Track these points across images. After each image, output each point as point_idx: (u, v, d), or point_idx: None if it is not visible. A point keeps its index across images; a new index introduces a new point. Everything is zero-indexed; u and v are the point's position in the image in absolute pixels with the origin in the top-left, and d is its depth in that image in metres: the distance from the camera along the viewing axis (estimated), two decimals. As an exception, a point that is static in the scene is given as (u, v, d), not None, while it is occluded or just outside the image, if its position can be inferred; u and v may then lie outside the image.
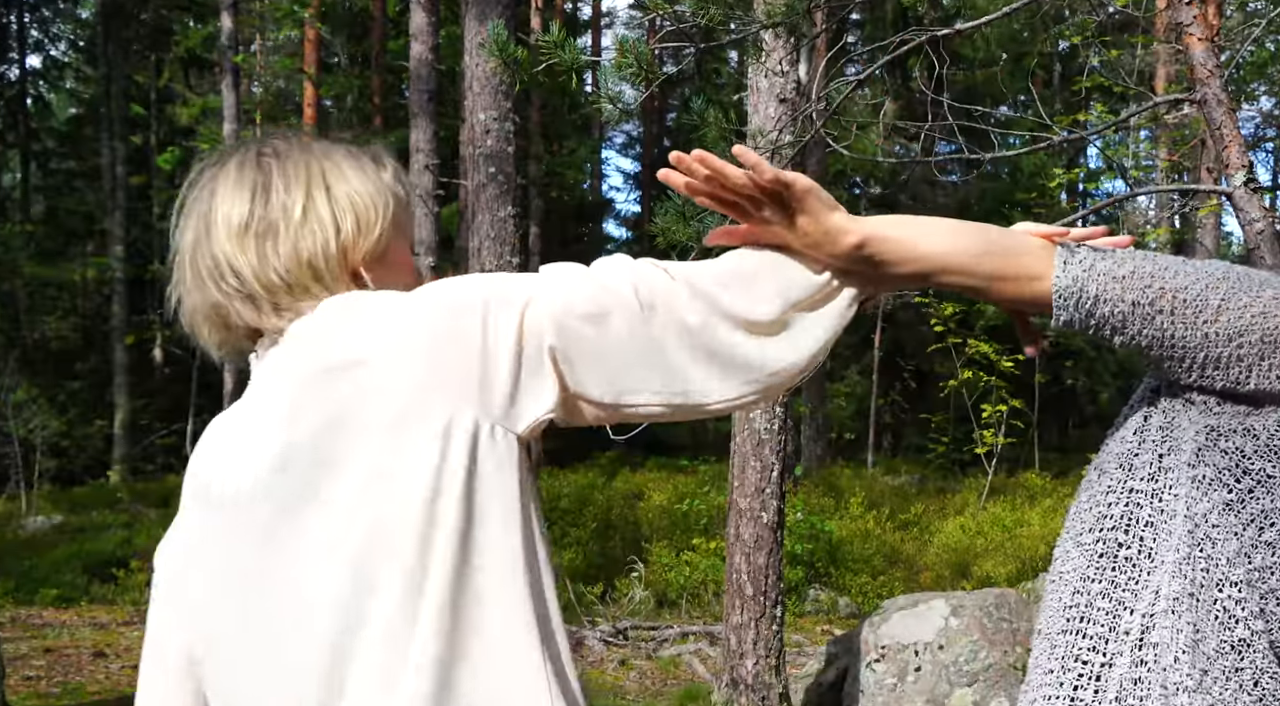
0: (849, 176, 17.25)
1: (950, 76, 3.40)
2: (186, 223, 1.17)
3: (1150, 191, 9.86)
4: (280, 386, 1.08)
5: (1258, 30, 4.11)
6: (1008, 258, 1.15)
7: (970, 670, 5.25)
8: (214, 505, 1.09)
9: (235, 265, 1.13)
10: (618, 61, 2.97)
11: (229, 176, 1.16)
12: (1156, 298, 1.09)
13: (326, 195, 1.16)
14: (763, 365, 1.13)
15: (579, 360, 1.08)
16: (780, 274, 1.14)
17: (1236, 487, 1.07)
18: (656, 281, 1.10)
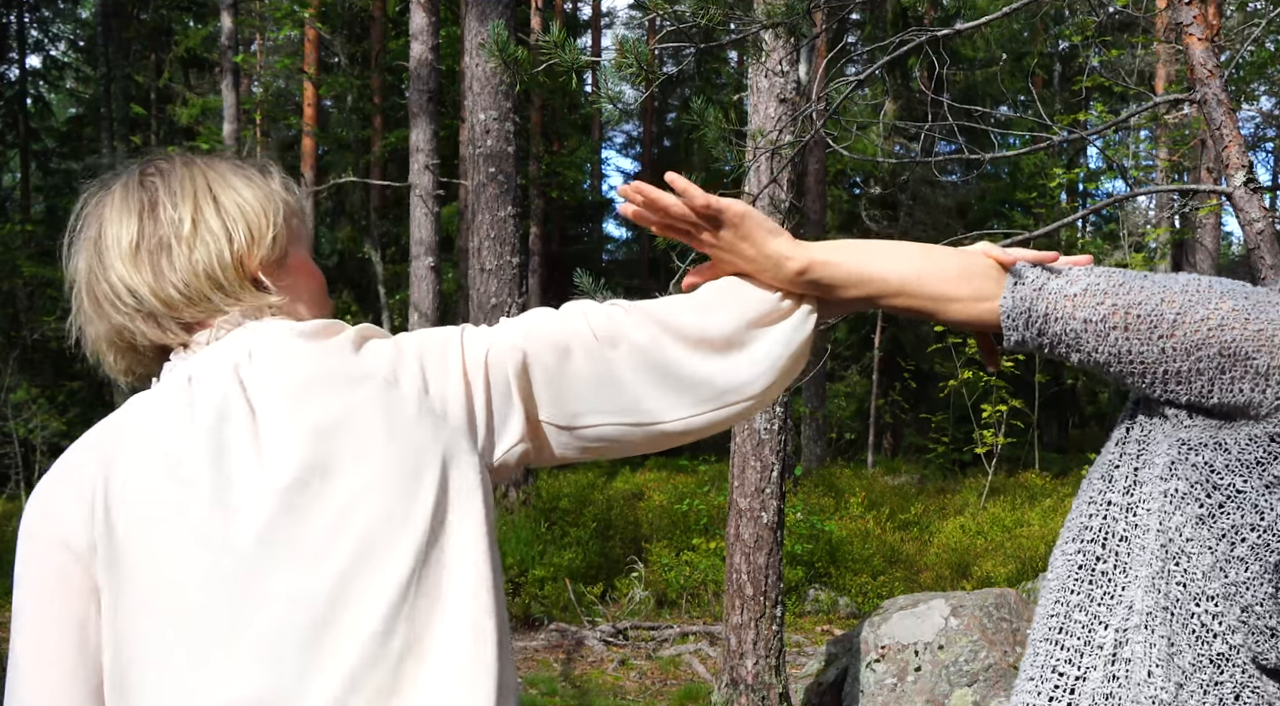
0: (849, 176, 17.26)
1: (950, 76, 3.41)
2: (78, 252, 1.17)
3: (1150, 191, 9.86)
4: (266, 399, 1.07)
5: (1258, 30, 4.10)
6: (957, 280, 1.17)
7: (970, 670, 5.25)
8: (226, 509, 1.06)
9: (131, 285, 1.13)
10: (618, 61, 2.97)
11: (114, 200, 1.16)
12: (1109, 314, 1.09)
13: (215, 206, 1.16)
14: (714, 383, 1.16)
15: (538, 387, 1.14)
16: (735, 296, 1.18)
17: (1207, 502, 1.07)
18: (613, 313, 1.17)
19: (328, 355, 1.09)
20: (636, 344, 1.15)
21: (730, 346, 1.16)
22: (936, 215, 15.57)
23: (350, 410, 1.05)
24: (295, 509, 1.03)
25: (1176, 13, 2.71)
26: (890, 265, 1.18)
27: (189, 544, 1.03)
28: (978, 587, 7.54)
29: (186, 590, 1.02)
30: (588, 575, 8.59)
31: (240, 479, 1.04)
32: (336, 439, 1.04)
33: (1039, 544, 9.43)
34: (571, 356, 1.14)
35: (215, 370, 1.10)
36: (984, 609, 5.47)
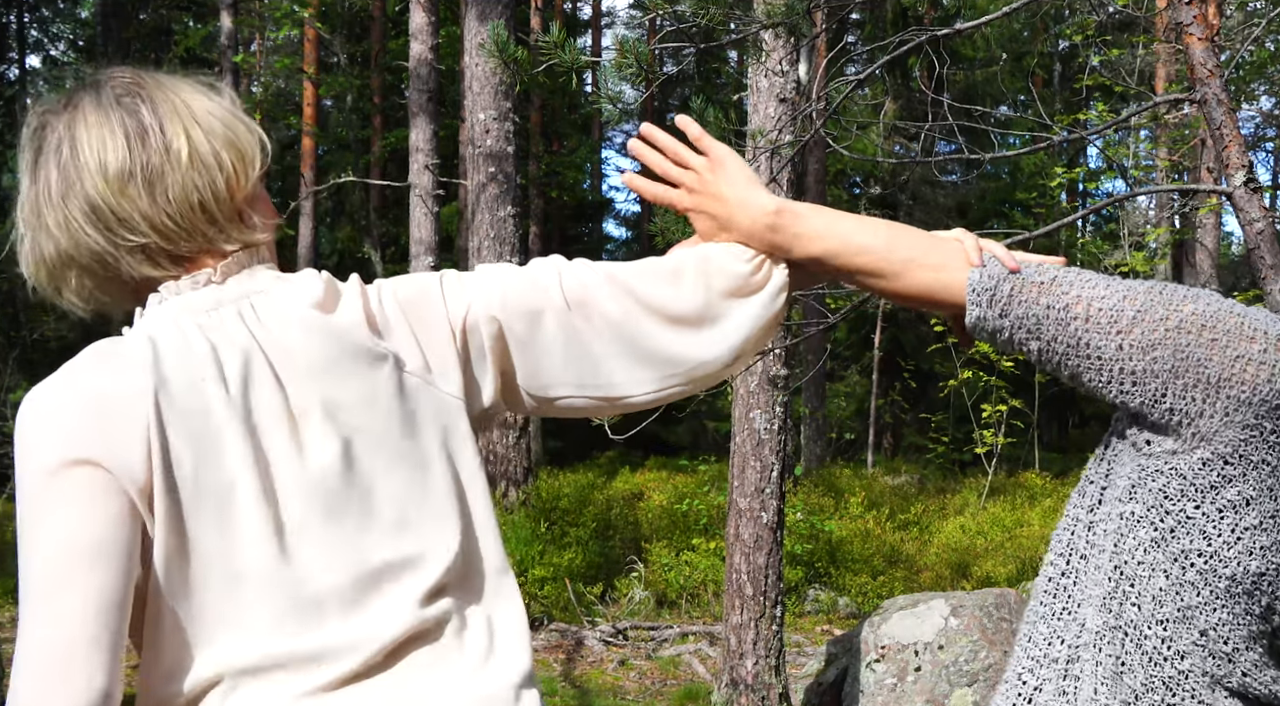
0: (849, 176, 17.26)
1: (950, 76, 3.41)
2: (41, 170, 1.09)
3: (1150, 191, 9.87)
4: (291, 375, 1.08)
5: (1258, 30, 4.11)
6: (925, 248, 1.17)
7: (970, 670, 5.25)
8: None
9: (122, 213, 1.07)
10: (618, 61, 2.97)
11: (88, 119, 1.09)
12: (1072, 303, 1.10)
13: (203, 132, 1.11)
14: (684, 358, 1.17)
15: (514, 355, 1.17)
16: (708, 264, 1.19)
17: (1160, 526, 1.07)
18: (584, 277, 1.17)
19: (343, 334, 1.09)
20: (609, 316, 1.16)
21: (702, 321, 1.17)
22: (936, 215, 15.57)
23: (371, 396, 1.08)
24: (332, 496, 1.07)
25: (1176, 12, 2.71)
26: (860, 224, 1.19)
27: (239, 511, 1.04)
28: (978, 587, 7.54)
29: (241, 555, 1.04)
30: (587, 575, 8.59)
31: (278, 462, 1.06)
32: (360, 425, 1.07)
33: (1039, 544, 9.42)
34: (543, 324, 1.16)
35: (230, 328, 1.07)
36: (984, 609, 5.47)
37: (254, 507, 1.04)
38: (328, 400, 1.07)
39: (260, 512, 1.04)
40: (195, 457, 1.03)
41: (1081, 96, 14.63)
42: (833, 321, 3.44)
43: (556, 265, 1.19)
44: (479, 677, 1.09)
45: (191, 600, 1.04)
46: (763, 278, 1.20)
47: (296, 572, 1.05)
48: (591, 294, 1.16)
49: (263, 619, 1.04)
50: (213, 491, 1.03)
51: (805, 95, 4.96)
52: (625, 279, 1.17)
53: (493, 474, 9.56)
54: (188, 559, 1.03)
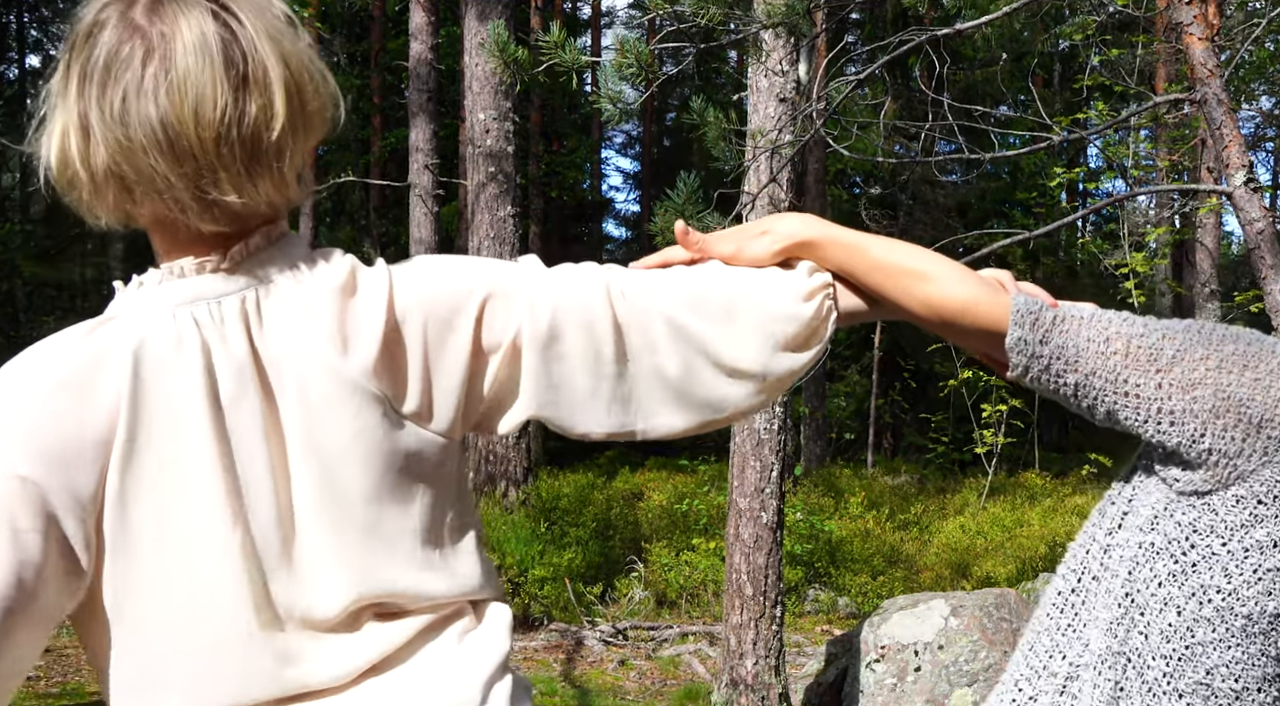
0: (849, 176, 17.25)
1: (950, 76, 3.41)
2: (110, 81, 0.93)
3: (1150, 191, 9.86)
4: (282, 391, 1.00)
5: (1258, 30, 4.10)
6: (960, 269, 1.15)
7: (970, 670, 5.25)
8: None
9: (216, 172, 0.96)
10: (617, 61, 2.97)
11: (182, 36, 0.94)
12: (1112, 337, 1.09)
13: (300, 100, 0.99)
14: (733, 404, 1.11)
15: (537, 388, 1.09)
16: (762, 309, 1.10)
17: (1182, 559, 1.07)
18: (641, 320, 1.08)
19: (348, 377, 0.99)
20: (664, 370, 1.08)
21: (762, 376, 1.10)
22: (936, 215, 15.57)
23: (356, 434, 1.00)
24: (305, 529, 1.00)
25: (1176, 12, 2.71)
26: (892, 241, 1.17)
27: (196, 530, 0.96)
28: (978, 587, 7.54)
29: (193, 584, 0.97)
30: (587, 575, 8.59)
31: (253, 491, 0.98)
32: (341, 461, 1.00)
33: (1039, 544, 9.42)
34: (592, 371, 1.08)
35: (230, 330, 0.98)
36: (984, 609, 5.47)
37: (223, 537, 0.96)
38: (313, 432, 0.99)
39: (228, 541, 0.97)
40: (161, 484, 0.95)
41: (1081, 96, 14.62)
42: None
43: (608, 285, 1.09)
44: (443, 687, 1.05)
45: (148, 631, 0.97)
46: (821, 322, 1.12)
47: (264, 606, 0.99)
48: (650, 340, 1.08)
49: (225, 651, 0.98)
50: (178, 519, 0.96)
51: (805, 95, 4.96)
52: (685, 324, 1.08)
53: (493, 474, 9.56)
54: (142, 586, 0.96)
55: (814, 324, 1.11)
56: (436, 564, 1.06)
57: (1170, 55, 10.86)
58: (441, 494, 1.07)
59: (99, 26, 0.95)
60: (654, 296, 1.09)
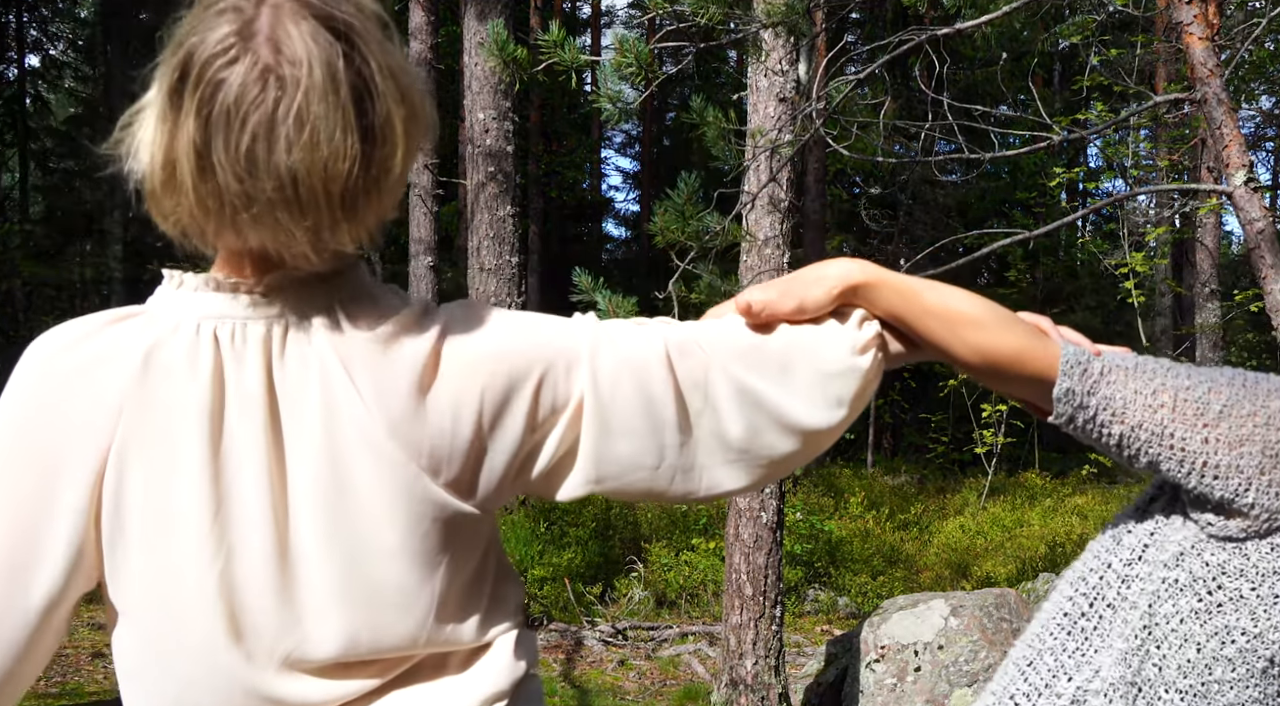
0: (849, 176, 17.24)
1: (950, 76, 3.40)
2: (270, 117, 0.87)
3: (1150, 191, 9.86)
4: (294, 432, 0.96)
5: (1258, 30, 4.10)
6: (1013, 315, 1.14)
7: (970, 670, 5.24)
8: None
9: (338, 223, 0.92)
10: (617, 61, 2.97)
11: (321, 81, 0.87)
12: (1159, 390, 1.08)
13: (414, 138, 0.95)
14: (784, 459, 1.09)
15: (594, 456, 1.06)
16: (820, 366, 1.08)
17: (1207, 598, 1.07)
18: (705, 385, 1.05)
19: (386, 452, 0.95)
20: (727, 435, 1.05)
21: (815, 430, 1.08)
22: (936, 215, 15.57)
23: (374, 492, 0.96)
24: (293, 575, 0.96)
25: (1176, 12, 2.71)
26: (941, 285, 1.15)
27: (177, 545, 0.94)
28: (978, 587, 7.54)
29: (177, 597, 0.96)
30: (587, 575, 8.59)
31: (244, 516, 0.94)
32: (355, 518, 0.96)
33: (1039, 544, 9.43)
34: (653, 438, 1.04)
35: (250, 355, 0.95)
36: (984, 609, 5.47)
37: (203, 560, 0.94)
38: (324, 480, 0.95)
39: (208, 567, 0.94)
40: (150, 491, 0.94)
41: (1081, 96, 14.62)
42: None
43: (669, 361, 1.04)
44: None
45: (138, 626, 0.97)
46: (875, 374, 1.11)
47: (242, 638, 0.96)
48: (712, 402, 1.05)
49: (200, 669, 0.96)
50: (163, 529, 0.94)
51: (805, 95, 4.95)
52: (747, 384, 1.05)
53: (492, 474, 9.55)
54: (134, 586, 0.96)
55: (869, 377, 1.10)
56: (453, 618, 1.02)
57: (1170, 55, 10.86)
58: (469, 552, 1.02)
59: (222, 57, 0.87)
60: (713, 354, 1.06)
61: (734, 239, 3.72)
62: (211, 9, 0.90)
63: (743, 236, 4.97)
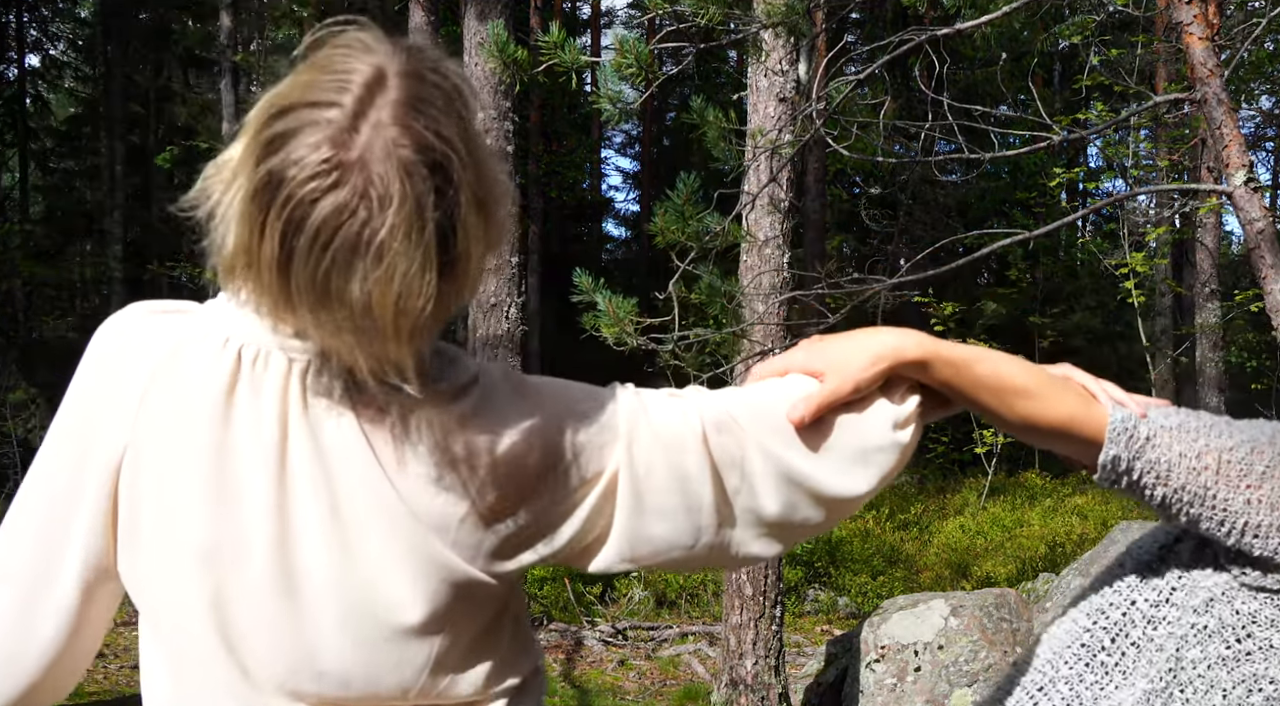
0: (849, 176, 17.24)
1: (950, 76, 3.40)
2: (350, 246, 0.83)
3: (1150, 191, 9.87)
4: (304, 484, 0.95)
5: (1258, 30, 4.10)
6: (1058, 378, 1.13)
7: (970, 670, 5.24)
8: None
9: (402, 351, 0.89)
10: (617, 61, 2.97)
11: (407, 216, 0.83)
12: (1203, 452, 1.08)
13: (480, 273, 0.91)
14: (818, 527, 1.08)
15: (628, 532, 1.03)
16: (856, 433, 1.05)
17: (1235, 646, 1.07)
18: (733, 451, 1.02)
19: (389, 472, 0.93)
20: (764, 512, 1.03)
21: (853, 500, 1.07)
22: (936, 215, 15.57)
23: (385, 547, 0.94)
24: (300, 611, 0.95)
25: (1176, 12, 2.71)
26: (990, 355, 1.12)
27: (175, 555, 0.94)
28: (978, 587, 7.53)
29: (189, 614, 0.96)
30: (587, 575, 8.58)
31: (242, 538, 0.94)
32: (365, 566, 0.94)
33: (1039, 544, 9.43)
34: (690, 524, 1.02)
35: (272, 379, 0.94)
36: (984, 609, 5.47)
37: (196, 578, 0.95)
38: (331, 527, 0.93)
39: (200, 585, 0.94)
40: (156, 495, 0.95)
41: (1081, 96, 14.62)
42: (832, 321, 3.44)
43: (704, 438, 1.01)
44: None
45: (149, 620, 0.98)
46: (914, 445, 1.09)
47: (238, 657, 0.96)
48: (749, 479, 1.02)
49: (199, 681, 0.97)
50: (165, 536, 0.95)
51: (805, 95, 4.96)
52: (786, 461, 1.02)
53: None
54: (144, 582, 0.97)
55: (909, 450, 1.09)
56: (451, 673, 1.00)
57: (1170, 55, 10.86)
58: (478, 614, 1.00)
59: (313, 182, 0.82)
60: (751, 430, 1.03)
61: (734, 239, 3.72)
62: (311, 102, 0.84)
63: (743, 237, 4.97)
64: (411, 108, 0.84)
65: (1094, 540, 8.94)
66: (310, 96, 0.84)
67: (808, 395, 1.04)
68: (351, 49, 0.87)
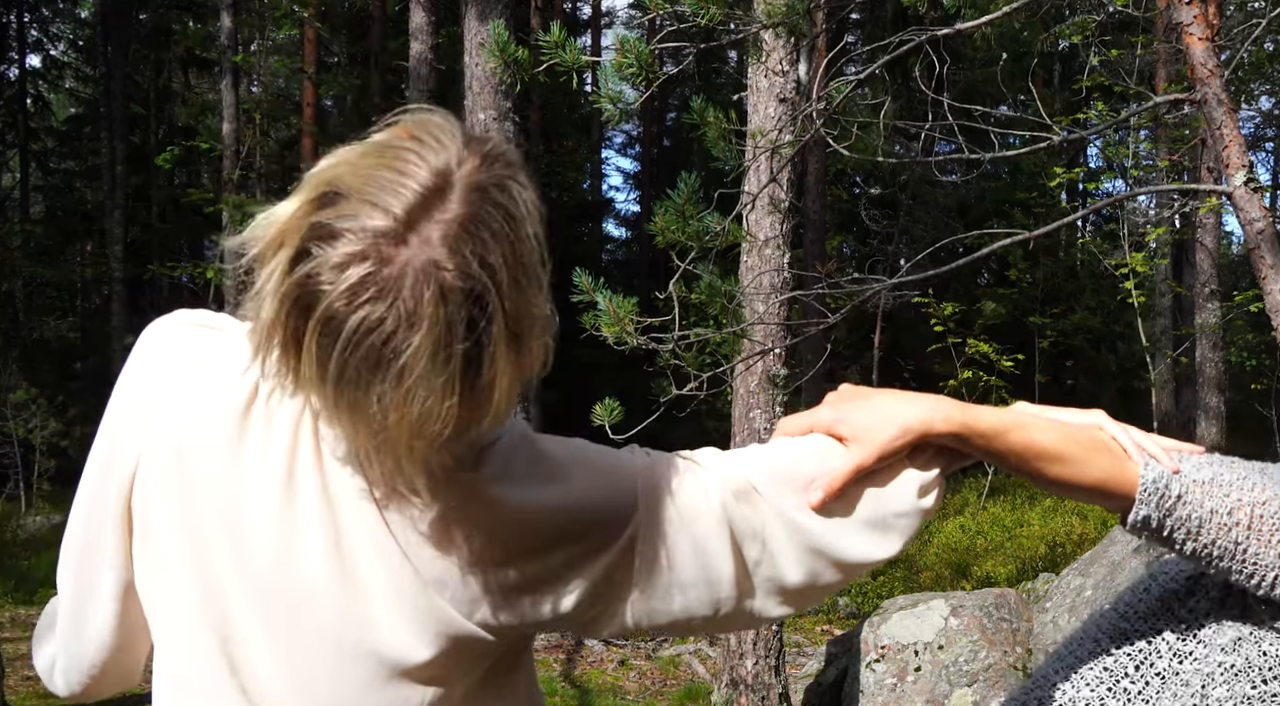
0: (849, 176, 17.25)
1: (950, 76, 3.40)
2: (372, 359, 0.79)
3: (1150, 191, 9.87)
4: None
5: (1258, 30, 4.10)
6: (1089, 436, 1.12)
7: (970, 670, 5.25)
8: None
9: (416, 470, 0.87)
10: (618, 61, 2.97)
11: (434, 341, 0.79)
12: (1235, 508, 1.08)
13: (509, 402, 0.86)
14: (834, 589, 1.07)
15: (640, 603, 1.00)
16: (879, 500, 1.04)
17: (1262, 687, 1.08)
18: (753, 522, 1.00)
19: (404, 525, 0.92)
20: (782, 580, 1.01)
21: (874, 564, 1.06)
22: (936, 215, 15.57)
23: (386, 596, 0.92)
24: (303, 637, 0.95)
25: (1176, 12, 2.71)
26: (1022, 420, 1.11)
27: (179, 579, 0.95)
28: (978, 587, 7.54)
29: (187, 634, 0.97)
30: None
31: (246, 552, 0.94)
32: (361, 602, 0.93)
33: (1039, 544, 9.43)
34: (710, 599, 1.00)
35: (287, 410, 0.93)
36: (984, 609, 5.47)
37: (191, 595, 0.95)
38: (336, 570, 0.93)
39: (196, 605, 0.95)
40: (158, 497, 0.95)
41: (1081, 96, 14.62)
42: (832, 321, 3.44)
43: (725, 509, 0.99)
44: None
45: (154, 619, 0.99)
46: (937, 506, 1.09)
47: (237, 677, 0.95)
48: (770, 549, 1.00)
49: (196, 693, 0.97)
50: (166, 545, 0.96)
51: (805, 95, 4.96)
52: (809, 530, 1.00)
53: (493, 474, 9.55)
54: (152, 580, 0.98)
55: (930, 515, 1.09)
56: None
57: (1170, 55, 10.86)
58: (485, 661, 0.99)
59: (346, 299, 0.78)
60: (772, 498, 1.00)
61: (734, 239, 3.72)
62: (366, 198, 0.80)
63: (743, 237, 4.97)
64: (464, 230, 0.80)
65: (1094, 540, 8.95)
66: (367, 190, 0.80)
67: (829, 473, 1.01)
68: (423, 144, 0.82)
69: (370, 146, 0.84)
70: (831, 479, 1.00)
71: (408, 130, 0.84)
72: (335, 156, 0.85)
